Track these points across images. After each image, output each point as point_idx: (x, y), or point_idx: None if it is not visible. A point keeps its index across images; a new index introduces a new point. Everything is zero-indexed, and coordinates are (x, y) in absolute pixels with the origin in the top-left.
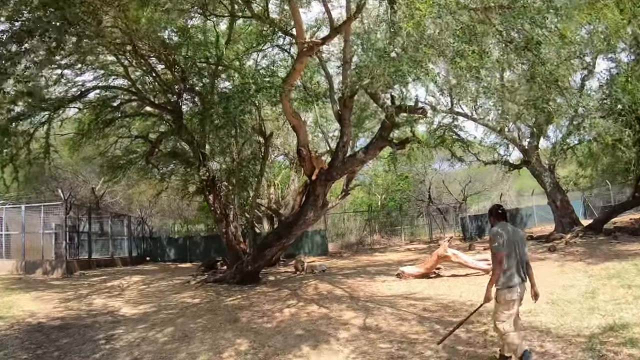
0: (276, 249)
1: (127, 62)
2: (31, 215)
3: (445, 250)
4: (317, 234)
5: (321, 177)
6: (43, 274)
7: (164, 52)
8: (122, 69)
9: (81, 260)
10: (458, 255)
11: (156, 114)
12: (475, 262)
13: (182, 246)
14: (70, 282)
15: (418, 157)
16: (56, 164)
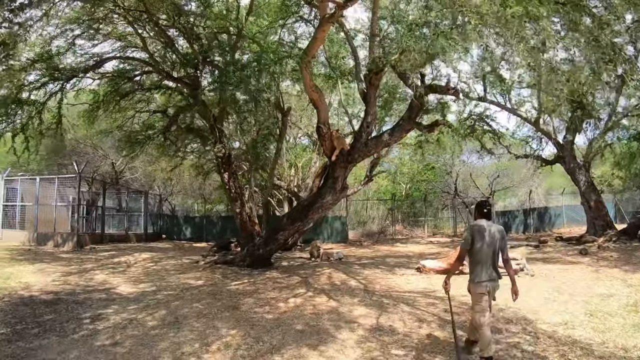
0: (289, 233)
1: (146, 33)
2: (47, 187)
3: None
4: (337, 220)
5: (341, 158)
6: (54, 247)
7: (181, 21)
8: (140, 40)
9: (94, 235)
10: None
11: (174, 88)
12: None
13: (199, 225)
14: (78, 256)
15: (447, 144)
16: (76, 137)
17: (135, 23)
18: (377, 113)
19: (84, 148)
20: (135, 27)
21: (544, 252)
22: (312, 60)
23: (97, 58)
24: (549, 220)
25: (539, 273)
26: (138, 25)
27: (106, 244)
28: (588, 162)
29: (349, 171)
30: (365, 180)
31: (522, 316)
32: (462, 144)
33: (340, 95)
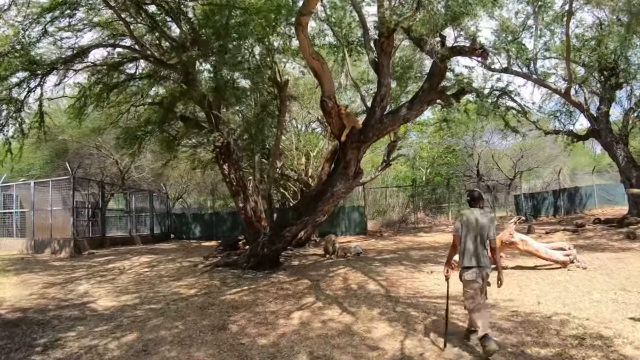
0: (297, 229)
1: (128, 15)
2: (43, 192)
3: (512, 236)
4: (355, 210)
5: (352, 138)
6: (51, 254)
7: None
8: (123, 24)
9: (93, 239)
10: (527, 242)
11: (166, 76)
12: (549, 252)
13: (208, 223)
14: (72, 263)
15: (471, 120)
16: (76, 138)
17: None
18: (391, 84)
19: (88, 149)
20: (113, 7)
21: (585, 238)
22: (310, 18)
23: (78, 48)
24: (580, 201)
25: (590, 264)
26: (117, 6)
27: (107, 248)
28: (625, 134)
29: (362, 153)
30: (382, 165)
31: (596, 333)
32: (485, 122)
33: (348, 65)
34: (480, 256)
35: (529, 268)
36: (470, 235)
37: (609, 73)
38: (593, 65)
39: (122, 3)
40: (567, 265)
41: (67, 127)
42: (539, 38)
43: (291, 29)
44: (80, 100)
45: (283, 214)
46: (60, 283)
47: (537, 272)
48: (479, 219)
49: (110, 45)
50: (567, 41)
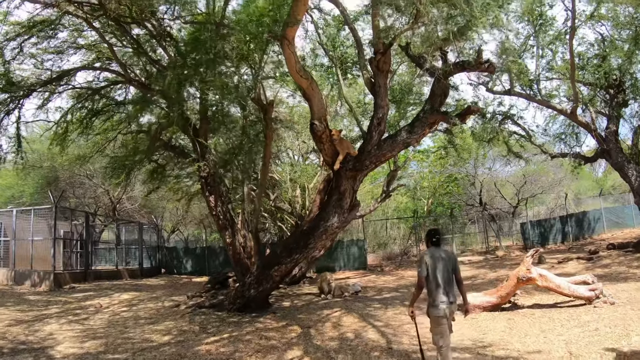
0: (287, 268)
1: (112, 36)
2: (27, 220)
3: (529, 271)
4: (354, 244)
5: (347, 165)
6: (31, 286)
7: (137, 10)
8: (107, 46)
9: (76, 272)
10: (547, 277)
11: (152, 101)
12: (571, 287)
13: (200, 257)
14: (48, 298)
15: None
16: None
17: (94, 20)
18: (389, 106)
19: (79, 178)
20: (97, 28)
21: (603, 266)
22: (297, 30)
23: (58, 70)
24: (588, 226)
25: (617, 298)
26: (101, 28)
27: (90, 282)
28: (636, 153)
29: (358, 183)
30: (382, 196)
31: None
32: (487, 149)
33: (341, 85)
34: (450, 293)
35: (549, 306)
36: (438, 273)
37: (615, 90)
38: (598, 83)
39: (106, 24)
40: (593, 301)
41: (51, 153)
42: (541, 58)
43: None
44: (61, 125)
45: (273, 251)
46: (28, 321)
47: (559, 310)
48: (442, 257)
49: (93, 68)
50: (571, 59)
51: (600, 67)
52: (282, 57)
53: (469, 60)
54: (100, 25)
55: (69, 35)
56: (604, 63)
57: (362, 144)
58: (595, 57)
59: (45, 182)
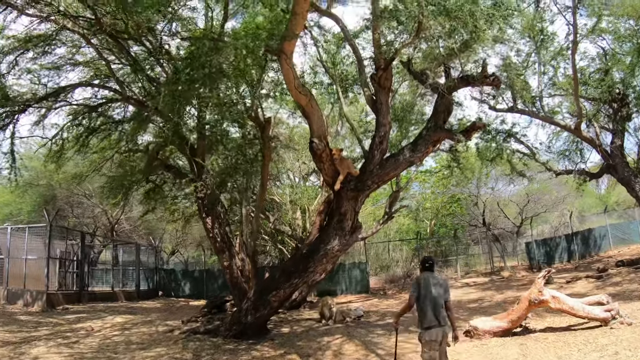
0: (286, 293)
1: (111, 54)
2: (22, 238)
3: (542, 293)
4: (356, 267)
5: (348, 186)
6: (24, 306)
7: (134, 26)
8: (105, 63)
9: (70, 293)
10: (560, 299)
11: (149, 120)
12: (586, 309)
13: (199, 280)
14: (39, 319)
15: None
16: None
17: (91, 36)
18: (391, 123)
19: (77, 197)
20: (94, 45)
21: (614, 284)
22: (295, 44)
23: (54, 87)
24: (594, 243)
25: (634, 318)
26: (99, 45)
27: (84, 304)
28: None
29: (360, 204)
30: (385, 218)
31: None
32: (489, 168)
33: (342, 103)
34: (440, 316)
35: (563, 329)
36: (429, 296)
37: (619, 104)
38: (602, 98)
39: (104, 40)
40: (609, 323)
41: (48, 171)
42: (543, 75)
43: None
44: (57, 142)
45: (271, 275)
46: (16, 342)
47: (574, 334)
48: (434, 282)
49: (90, 85)
50: (574, 73)
51: (602, 81)
52: (281, 74)
53: (474, 75)
54: (98, 42)
55: (67, 52)
56: (607, 77)
57: (363, 164)
58: (597, 71)
59: (43, 200)
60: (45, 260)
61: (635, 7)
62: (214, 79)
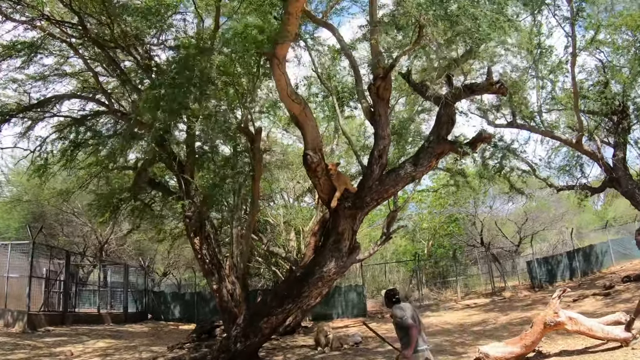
0: (278, 319)
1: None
2: (5, 255)
3: (557, 315)
4: (352, 290)
5: (345, 203)
6: (4, 326)
7: (121, 34)
8: (92, 74)
9: (53, 314)
10: (578, 320)
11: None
12: (605, 329)
13: (189, 303)
14: (17, 341)
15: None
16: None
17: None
18: (390, 136)
19: (66, 215)
20: (82, 55)
21: (624, 301)
22: (288, 48)
23: (41, 97)
24: (596, 259)
25: None
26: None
27: (69, 326)
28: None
29: (359, 223)
30: (382, 239)
31: None
32: (487, 186)
33: (338, 115)
34: (425, 340)
35: (579, 352)
36: (415, 323)
37: (619, 116)
38: (602, 110)
39: (91, 49)
40: (630, 343)
41: (34, 187)
42: (541, 89)
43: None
44: (41, 156)
45: (263, 300)
46: None
47: (593, 357)
48: (414, 309)
49: (76, 97)
50: (574, 86)
51: (602, 93)
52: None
53: (478, 83)
54: (86, 52)
55: (55, 62)
56: (606, 89)
57: (362, 180)
58: (596, 84)
59: (31, 217)
60: (27, 279)
61: (634, 17)
62: (199, 85)
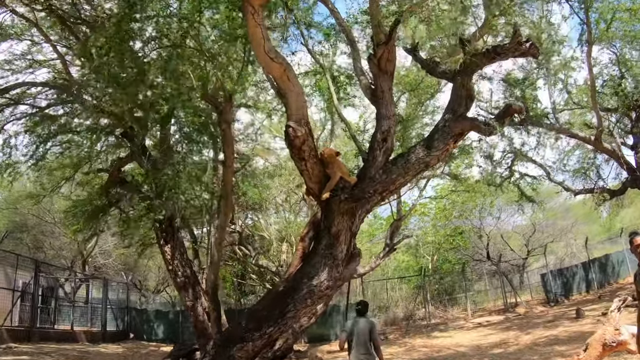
0: (256, 346)
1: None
2: None
3: (619, 332)
4: (351, 309)
5: (341, 194)
6: None
7: None
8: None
9: (19, 330)
10: None
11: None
12: None
13: (173, 322)
14: None
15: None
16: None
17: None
18: (396, 117)
19: (45, 225)
20: (44, 32)
21: None
22: None
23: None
24: (612, 270)
25: None
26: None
27: (35, 343)
28: None
29: (359, 221)
30: (385, 251)
31: None
32: (495, 196)
33: (332, 93)
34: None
35: None
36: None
37: (638, 112)
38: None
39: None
40: None
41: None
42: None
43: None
44: (3, 151)
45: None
46: None
47: None
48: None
49: (35, 85)
50: (590, 78)
51: (619, 86)
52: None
53: (503, 45)
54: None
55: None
56: (622, 83)
57: (362, 168)
58: (611, 79)
59: (12, 226)
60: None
61: None
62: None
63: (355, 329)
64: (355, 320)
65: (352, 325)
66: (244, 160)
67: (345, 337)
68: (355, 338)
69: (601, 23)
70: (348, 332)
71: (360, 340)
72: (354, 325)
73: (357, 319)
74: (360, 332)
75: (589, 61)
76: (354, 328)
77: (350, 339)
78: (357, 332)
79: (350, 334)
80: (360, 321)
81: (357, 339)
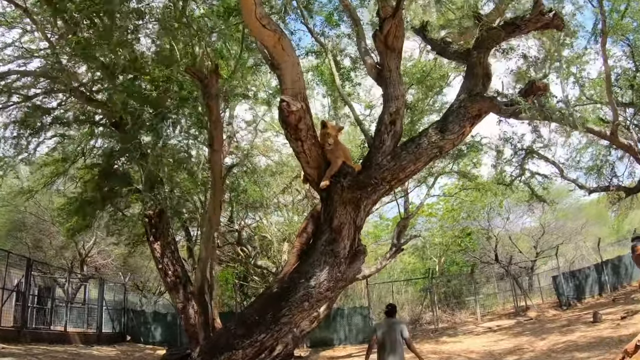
0: (246, 354)
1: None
2: None
3: None
4: (356, 312)
5: (343, 181)
6: None
7: None
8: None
9: (9, 330)
10: None
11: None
12: None
13: (171, 324)
14: None
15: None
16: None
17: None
18: (405, 98)
19: (44, 225)
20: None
21: None
22: None
23: None
24: (625, 272)
25: None
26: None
27: (25, 345)
28: None
29: (364, 214)
30: (392, 251)
31: None
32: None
33: (334, 72)
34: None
35: None
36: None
37: None
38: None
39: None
40: None
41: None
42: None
43: None
44: None
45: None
46: None
47: None
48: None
49: (26, 74)
50: (606, 69)
51: (634, 79)
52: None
53: (523, 16)
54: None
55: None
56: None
57: (368, 154)
58: (625, 72)
59: (12, 226)
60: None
61: None
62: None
63: (387, 330)
64: (386, 322)
65: (383, 326)
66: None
67: (378, 336)
68: (388, 338)
69: (614, 14)
70: (380, 333)
71: (392, 339)
72: (385, 326)
73: (388, 320)
74: (392, 332)
75: (604, 51)
76: (385, 329)
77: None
78: (389, 332)
79: (382, 335)
80: (390, 322)
81: (390, 339)
